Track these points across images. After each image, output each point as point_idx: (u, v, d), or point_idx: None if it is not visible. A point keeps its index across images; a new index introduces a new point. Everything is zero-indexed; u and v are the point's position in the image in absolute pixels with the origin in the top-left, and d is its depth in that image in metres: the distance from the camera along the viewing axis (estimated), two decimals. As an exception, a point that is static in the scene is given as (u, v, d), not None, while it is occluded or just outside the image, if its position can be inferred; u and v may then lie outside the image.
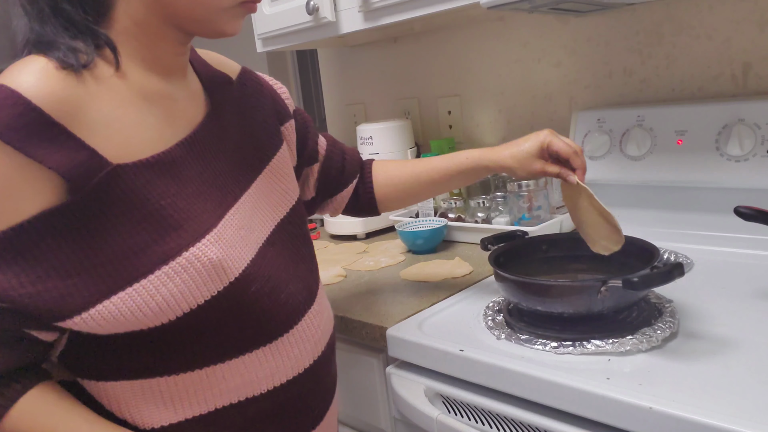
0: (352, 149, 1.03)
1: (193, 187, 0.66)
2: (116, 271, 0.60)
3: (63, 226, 0.58)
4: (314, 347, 0.75)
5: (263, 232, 0.73)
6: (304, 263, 0.79)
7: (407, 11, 1.27)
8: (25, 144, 0.56)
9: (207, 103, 0.75)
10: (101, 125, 0.60)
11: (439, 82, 1.71)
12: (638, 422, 0.65)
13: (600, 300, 0.78)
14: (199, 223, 0.64)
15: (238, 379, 0.68)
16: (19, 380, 0.62)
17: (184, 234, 0.63)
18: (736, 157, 1.07)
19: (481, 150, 0.95)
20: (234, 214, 0.69)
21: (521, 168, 0.91)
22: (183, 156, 0.67)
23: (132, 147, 0.62)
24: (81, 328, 0.60)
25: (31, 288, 0.58)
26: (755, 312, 0.85)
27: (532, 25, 1.48)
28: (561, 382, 0.71)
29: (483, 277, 1.13)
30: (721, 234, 1.10)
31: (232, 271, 0.65)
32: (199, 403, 0.67)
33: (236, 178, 0.73)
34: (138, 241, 0.60)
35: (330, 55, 2.00)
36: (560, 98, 1.46)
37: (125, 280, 0.60)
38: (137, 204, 0.61)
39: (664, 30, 1.27)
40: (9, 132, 0.56)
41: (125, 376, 0.65)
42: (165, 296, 0.61)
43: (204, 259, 0.62)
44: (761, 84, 1.17)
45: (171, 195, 0.63)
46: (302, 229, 0.81)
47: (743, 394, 0.65)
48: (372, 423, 1.04)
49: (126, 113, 0.63)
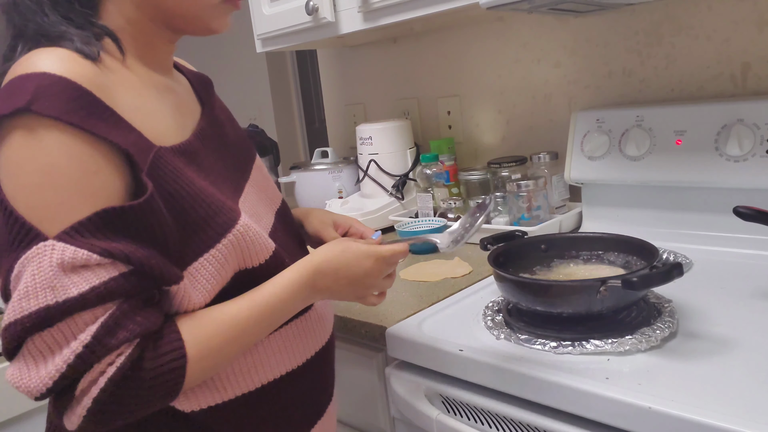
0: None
1: (213, 177, 0.69)
2: (199, 238, 0.62)
3: (156, 206, 0.59)
4: (329, 323, 0.81)
5: (268, 219, 0.77)
6: (302, 248, 0.83)
7: (407, 11, 1.27)
8: (87, 123, 0.56)
9: (198, 101, 0.78)
10: (131, 111, 0.62)
11: (438, 83, 1.71)
12: (637, 422, 0.65)
13: (599, 300, 0.78)
14: (232, 204, 0.67)
15: (279, 353, 0.71)
16: (164, 326, 0.61)
17: (231, 209, 0.66)
18: (735, 157, 1.07)
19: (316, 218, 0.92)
20: (244, 202, 0.73)
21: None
22: (200, 147, 0.70)
23: (160, 133, 0.64)
24: (191, 283, 0.62)
25: (145, 251, 0.58)
26: (754, 312, 0.85)
27: (531, 25, 1.48)
28: (560, 382, 0.71)
29: (482, 277, 1.13)
30: (720, 234, 1.10)
31: (270, 246, 0.69)
32: (246, 381, 0.69)
33: (239, 170, 0.77)
34: (201, 214, 0.63)
35: (329, 55, 2.00)
36: (560, 98, 1.46)
37: (202, 249, 0.62)
38: (187, 183, 0.63)
39: (664, 30, 1.27)
40: (71, 115, 0.56)
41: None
42: (244, 249, 0.65)
43: (250, 233, 0.66)
44: (760, 84, 1.17)
45: (203, 178, 0.66)
46: (294, 223, 0.86)
47: (742, 393, 0.65)
48: (371, 423, 1.04)
49: (146, 102, 0.65)
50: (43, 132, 0.56)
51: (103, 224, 0.57)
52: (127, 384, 0.57)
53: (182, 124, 0.70)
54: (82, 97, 0.57)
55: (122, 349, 0.56)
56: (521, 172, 1.39)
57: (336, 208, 1.60)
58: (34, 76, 0.56)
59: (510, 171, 1.40)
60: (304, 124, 3.74)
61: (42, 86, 0.56)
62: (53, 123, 0.56)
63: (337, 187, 1.73)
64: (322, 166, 1.75)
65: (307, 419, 0.76)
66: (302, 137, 3.74)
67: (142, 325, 0.57)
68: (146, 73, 0.69)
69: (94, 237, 0.56)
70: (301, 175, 1.77)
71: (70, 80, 0.57)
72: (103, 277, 0.56)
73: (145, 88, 0.66)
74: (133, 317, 0.57)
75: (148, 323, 0.58)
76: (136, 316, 0.57)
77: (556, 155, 1.37)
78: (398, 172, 1.62)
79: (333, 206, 1.62)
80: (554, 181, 1.34)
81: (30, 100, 0.55)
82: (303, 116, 3.73)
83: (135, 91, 0.64)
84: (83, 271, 0.55)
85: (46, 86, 0.56)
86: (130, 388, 0.57)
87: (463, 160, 1.67)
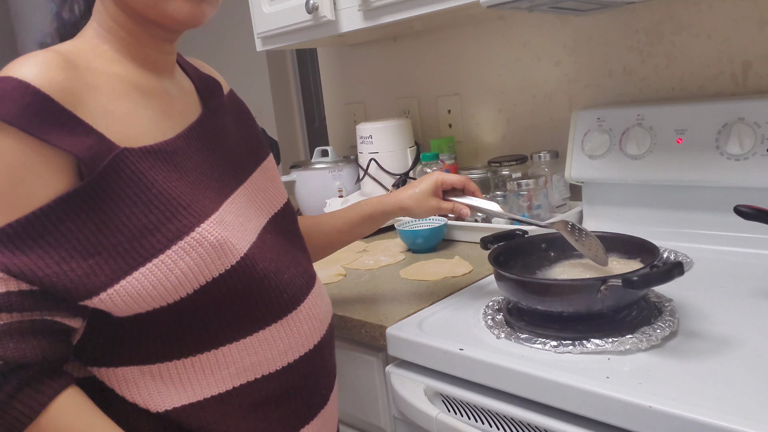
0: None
1: (193, 177, 0.68)
2: (134, 249, 0.61)
3: (80, 208, 0.60)
4: (320, 325, 0.78)
5: (259, 222, 0.75)
6: (300, 252, 0.82)
7: (407, 10, 1.27)
8: (38, 129, 0.58)
9: (200, 103, 0.78)
10: (101, 115, 0.63)
11: (438, 81, 1.71)
12: (638, 421, 0.65)
13: (600, 299, 0.78)
14: (202, 207, 0.66)
15: (254, 357, 0.70)
16: (54, 378, 0.62)
17: (193, 213, 0.65)
18: (736, 156, 1.07)
19: (380, 196, 1.01)
20: (231, 204, 0.71)
21: (418, 206, 0.97)
22: (183, 147, 0.69)
23: (132, 136, 0.64)
24: (106, 306, 0.61)
25: (56, 268, 0.59)
26: (755, 311, 0.85)
27: (531, 24, 1.48)
28: (561, 381, 0.71)
29: (483, 276, 1.13)
30: (721, 233, 1.10)
31: (238, 251, 0.67)
32: (217, 382, 0.68)
33: (233, 172, 0.76)
34: (152, 220, 0.62)
35: (329, 54, 2.00)
36: (560, 97, 1.46)
37: (144, 257, 0.61)
38: (146, 185, 0.63)
39: (664, 29, 1.27)
40: (22, 119, 0.57)
41: (140, 361, 0.66)
42: (183, 270, 0.63)
43: (210, 238, 0.64)
44: (761, 83, 1.17)
45: (174, 180, 0.66)
46: (294, 226, 0.85)
47: (743, 392, 0.65)
48: (372, 422, 1.04)
49: (123, 105, 0.65)
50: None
51: (15, 234, 0.58)
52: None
53: (168, 125, 0.70)
54: (38, 102, 0.58)
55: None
56: (522, 171, 1.39)
57: (336, 207, 1.59)
58: (1, 80, 0.59)
59: (510, 170, 1.39)
60: (304, 122, 3.74)
61: (3, 90, 0.58)
62: (5, 126, 0.58)
63: (338, 186, 1.73)
64: (322, 165, 1.75)
65: (289, 424, 0.74)
66: (302, 136, 3.74)
67: (10, 350, 0.58)
68: (136, 75, 0.69)
69: (3, 247, 0.58)
70: (301, 174, 1.77)
71: (30, 84, 0.58)
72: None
73: (128, 91, 0.67)
74: (5, 341, 0.58)
75: (17, 353, 0.59)
76: (10, 341, 0.58)
77: (556, 154, 1.37)
78: (398, 171, 1.62)
79: (333, 205, 1.62)
80: (555, 180, 1.34)
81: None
82: (303, 115, 3.73)
83: (114, 94, 0.65)
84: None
85: (7, 90, 0.58)
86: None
87: (464, 159, 1.67)
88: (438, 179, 0.97)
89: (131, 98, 0.67)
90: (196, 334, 0.67)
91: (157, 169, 0.64)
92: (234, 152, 0.78)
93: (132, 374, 0.66)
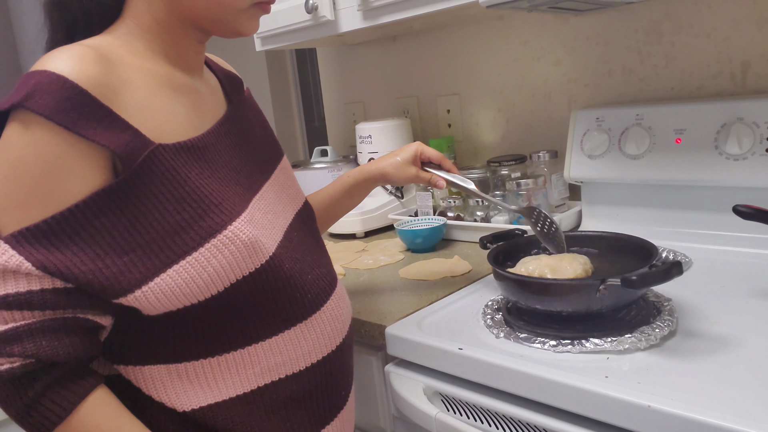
0: None
1: (223, 173, 0.69)
2: (168, 246, 0.61)
3: (115, 205, 0.60)
4: (342, 326, 0.79)
5: (286, 219, 0.76)
6: (323, 253, 0.83)
7: (406, 10, 1.27)
8: (76, 124, 0.58)
9: (225, 99, 0.79)
10: (136, 110, 0.63)
11: (438, 81, 1.71)
12: (637, 420, 0.65)
13: (599, 298, 0.78)
14: (232, 204, 0.67)
15: (278, 357, 0.70)
16: (85, 377, 0.62)
17: (224, 211, 0.65)
18: (735, 156, 1.07)
19: (360, 166, 1.02)
20: (260, 200, 0.72)
21: (398, 173, 1.00)
22: (214, 143, 0.70)
23: (165, 132, 0.65)
24: (139, 303, 0.61)
25: (92, 265, 0.59)
26: (754, 311, 0.85)
27: (531, 23, 1.48)
28: (560, 381, 0.71)
29: (482, 275, 1.13)
30: (719, 233, 1.10)
31: (267, 249, 0.68)
32: (242, 382, 0.68)
33: (259, 168, 0.77)
34: (185, 217, 0.62)
35: (329, 53, 2.00)
36: (559, 97, 1.46)
37: (177, 254, 0.62)
38: (180, 182, 0.63)
39: (664, 29, 1.27)
40: (59, 114, 0.57)
41: (167, 360, 0.66)
42: (215, 267, 0.63)
43: (242, 236, 0.65)
44: (760, 83, 1.17)
45: (206, 177, 0.66)
46: (315, 224, 0.86)
47: (741, 392, 0.65)
48: (371, 421, 1.04)
49: (157, 100, 0.66)
50: (31, 128, 0.58)
51: (50, 231, 0.58)
52: (5, 386, 0.59)
53: (199, 122, 0.71)
54: (76, 97, 0.58)
55: (14, 360, 0.58)
56: (521, 170, 1.39)
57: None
58: (38, 73, 0.59)
59: (509, 169, 1.39)
60: (303, 122, 3.74)
61: (40, 84, 0.58)
62: (42, 120, 0.57)
63: (337, 185, 1.73)
64: (322, 165, 1.75)
65: (311, 424, 0.75)
66: (302, 136, 3.74)
67: (42, 348, 0.58)
68: (168, 72, 0.70)
69: (39, 244, 0.58)
70: (300, 174, 1.77)
71: (67, 79, 0.58)
72: (32, 286, 0.58)
73: (161, 87, 0.67)
74: (39, 339, 0.58)
75: (50, 351, 0.59)
76: (43, 339, 0.58)
77: (555, 154, 1.37)
78: (398, 170, 1.61)
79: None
80: (554, 179, 1.34)
81: (26, 96, 0.57)
82: (302, 115, 3.72)
83: (147, 89, 0.65)
84: (13, 275, 0.58)
85: (44, 84, 0.58)
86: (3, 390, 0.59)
87: (463, 159, 1.67)
88: (418, 149, 1.00)
89: (164, 94, 0.67)
90: (223, 334, 0.67)
91: (190, 166, 0.65)
92: (258, 148, 0.79)
93: (159, 373, 0.67)
